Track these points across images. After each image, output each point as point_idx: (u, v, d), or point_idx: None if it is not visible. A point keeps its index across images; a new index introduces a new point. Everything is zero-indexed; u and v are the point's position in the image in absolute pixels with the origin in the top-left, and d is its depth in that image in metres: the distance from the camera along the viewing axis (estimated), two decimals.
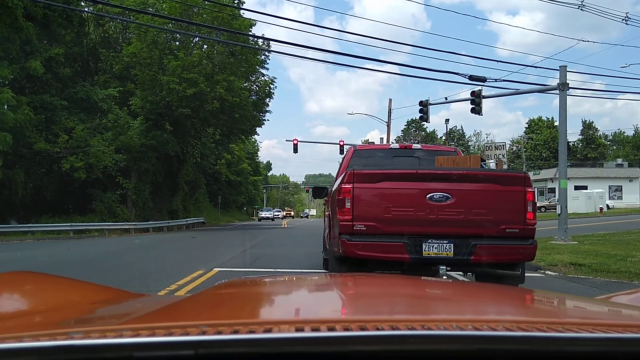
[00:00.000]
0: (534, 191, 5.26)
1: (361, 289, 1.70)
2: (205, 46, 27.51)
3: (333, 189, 6.16)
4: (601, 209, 39.33)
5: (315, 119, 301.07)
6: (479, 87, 19.58)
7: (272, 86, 30.31)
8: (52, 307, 1.34)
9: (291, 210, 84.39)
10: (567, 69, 17.06)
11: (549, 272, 8.76)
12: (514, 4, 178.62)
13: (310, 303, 1.45)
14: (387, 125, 33.56)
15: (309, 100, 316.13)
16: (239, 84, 26.09)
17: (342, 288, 1.75)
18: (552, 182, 56.92)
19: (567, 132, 16.93)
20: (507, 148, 12.22)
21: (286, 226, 35.31)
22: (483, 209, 5.02)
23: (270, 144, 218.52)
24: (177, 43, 28.66)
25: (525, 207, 5.05)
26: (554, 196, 53.62)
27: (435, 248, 4.99)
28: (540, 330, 0.79)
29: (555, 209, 44.74)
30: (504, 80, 17.39)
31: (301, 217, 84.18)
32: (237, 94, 25.80)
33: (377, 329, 0.78)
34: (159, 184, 31.31)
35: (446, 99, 21.68)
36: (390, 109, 33.69)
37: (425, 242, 4.99)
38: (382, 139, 36.90)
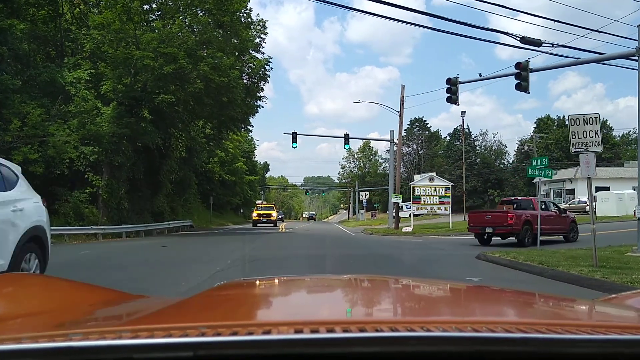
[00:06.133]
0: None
1: (360, 291, 1.69)
2: (187, 19, 23.24)
3: None
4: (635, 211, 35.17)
5: (315, 121, 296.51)
6: (524, 60, 15.70)
7: (267, 67, 25.96)
8: (50, 309, 1.31)
9: (271, 210, 46.77)
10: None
11: None
12: None
13: (309, 304, 1.43)
14: (400, 116, 29.56)
15: (309, 102, 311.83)
16: (227, 62, 21.80)
17: (341, 290, 1.75)
18: (572, 182, 53.09)
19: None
20: (600, 121, 8.25)
21: (284, 230, 31.16)
22: None
23: (269, 146, 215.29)
24: (154, 17, 24.43)
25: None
26: (573, 197, 49.84)
27: None
28: (539, 331, 0.78)
29: (578, 211, 40.62)
30: (561, 46, 13.40)
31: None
32: (225, 73, 21.51)
33: (377, 331, 0.77)
34: (137, 182, 27.06)
35: (480, 75, 17.79)
36: (402, 97, 29.68)
37: None
38: (392, 132, 32.93)
